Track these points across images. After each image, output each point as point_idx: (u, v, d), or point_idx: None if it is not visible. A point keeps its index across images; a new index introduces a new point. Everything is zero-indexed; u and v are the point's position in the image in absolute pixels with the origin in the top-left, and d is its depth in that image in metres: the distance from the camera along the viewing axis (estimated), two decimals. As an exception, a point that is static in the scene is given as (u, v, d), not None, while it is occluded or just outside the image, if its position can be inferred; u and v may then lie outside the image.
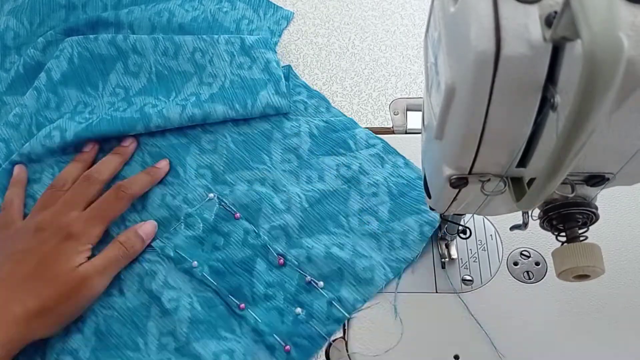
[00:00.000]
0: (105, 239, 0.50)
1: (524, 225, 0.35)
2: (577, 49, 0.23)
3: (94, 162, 0.55)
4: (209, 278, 0.48)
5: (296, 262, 0.49)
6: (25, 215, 0.52)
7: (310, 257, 0.49)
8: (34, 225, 0.49)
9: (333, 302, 0.47)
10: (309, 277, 0.48)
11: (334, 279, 0.48)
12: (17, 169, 0.55)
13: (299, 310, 0.47)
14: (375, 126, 0.60)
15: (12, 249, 0.48)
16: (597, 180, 0.30)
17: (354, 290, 0.48)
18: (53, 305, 0.44)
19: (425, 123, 0.36)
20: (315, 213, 0.51)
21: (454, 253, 0.50)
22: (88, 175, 0.52)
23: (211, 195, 0.52)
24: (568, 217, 0.32)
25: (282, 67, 0.60)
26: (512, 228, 0.36)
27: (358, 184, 0.53)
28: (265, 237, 0.50)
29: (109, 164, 0.54)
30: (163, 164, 0.54)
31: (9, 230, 0.50)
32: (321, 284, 0.48)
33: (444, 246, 0.50)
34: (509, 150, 0.28)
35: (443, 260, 0.50)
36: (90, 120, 0.55)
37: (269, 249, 0.49)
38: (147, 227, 0.51)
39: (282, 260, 0.49)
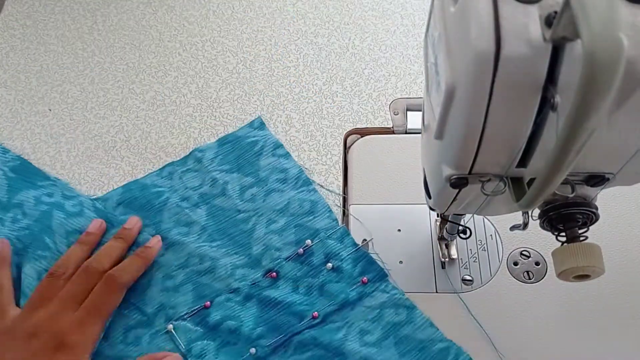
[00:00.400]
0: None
1: (524, 225, 0.35)
2: (577, 49, 0.22)
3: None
4: None
5: None
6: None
7: None
8: (28, 329, 0.44)
9: None
10: None
11: None
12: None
13: None
14: (375, 126, 0.60)
15: (3, 357, 0.44)
16: (597, 180, 0.30)
17: None
18: None
19: (425, 123, 0.36)
20: None
21: (453, 253, 0.50)
22: (87, 266, 0.48)
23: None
24: (568, 217, 0.32)
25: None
26: (512, 228, 0.36)
27: None
28: None
29: (111, 251, 0.49)
30: (154, 242, 0.51)
31: (2, 320, 0.46)
32: None
33: (444, 246, 0.50)
34: (509, 150, 0.28)
35: (443, 260, 0.50)
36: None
37: None
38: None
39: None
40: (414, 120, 0.60)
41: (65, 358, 0.43)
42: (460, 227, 0.47)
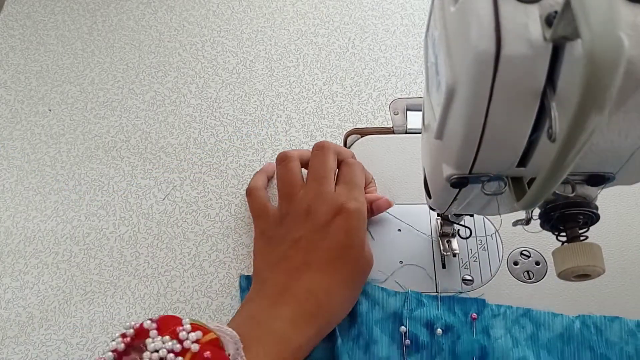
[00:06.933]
0: None
1: (527, 220, 0.35)
2: (578, 49, 0.22)
3: None
4: None
5: None
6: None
7: None
8: (301, 208, 0.47)
9: None
10: None
11: None
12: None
13: None
14: (375, 126, 0.60)
15: (289, 237, 0.46)
16: (598, 179, 0.30)
17: None
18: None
19: (426, 123, 0.36)
20: None
21: (455, 247, 0.49)
22: (319, 145, 0.51)
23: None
24: (568, 217, 0.32)
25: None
26: (515, 223, 0.36)
27: None
28: None
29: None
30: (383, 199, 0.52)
31: (267, 218, 0.49)
32: None
33: (445, 242, 0.50)
34: (509, 150, 0.28)
35: (445, 254, 0.49)
36: None
37: None
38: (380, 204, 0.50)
39: None
40: (414, 120, 0.60)
41: (343, 221, 0.45)
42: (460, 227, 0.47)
